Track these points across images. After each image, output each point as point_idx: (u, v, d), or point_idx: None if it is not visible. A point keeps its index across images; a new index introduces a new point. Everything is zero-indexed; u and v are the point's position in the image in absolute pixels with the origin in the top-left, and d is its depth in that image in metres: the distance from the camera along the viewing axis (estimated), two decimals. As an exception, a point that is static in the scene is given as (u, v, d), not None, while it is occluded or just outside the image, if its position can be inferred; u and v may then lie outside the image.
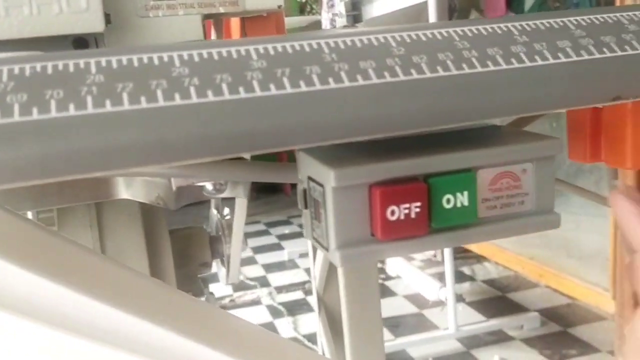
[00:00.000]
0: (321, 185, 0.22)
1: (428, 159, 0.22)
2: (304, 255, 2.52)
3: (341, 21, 1.60)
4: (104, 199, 0.31)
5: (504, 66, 0.22)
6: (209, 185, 0.28)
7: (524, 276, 2.16)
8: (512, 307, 1.93)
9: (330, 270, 0.82)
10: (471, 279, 2.22)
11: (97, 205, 0.56)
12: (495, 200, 0.24)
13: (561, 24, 0.25)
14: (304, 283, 2.26)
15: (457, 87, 0.22)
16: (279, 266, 2.48)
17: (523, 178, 0.24)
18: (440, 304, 1.94)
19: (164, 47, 0.21)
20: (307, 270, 2.35)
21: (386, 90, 0.21)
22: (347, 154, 0.23)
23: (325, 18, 1.75)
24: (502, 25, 0.24)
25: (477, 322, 1.82)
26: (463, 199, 0.23)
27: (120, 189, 0.31)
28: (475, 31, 0.24)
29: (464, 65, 0.22)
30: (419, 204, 0.22)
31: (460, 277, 2.13)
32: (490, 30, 0.24)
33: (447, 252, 1.78)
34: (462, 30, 0.24)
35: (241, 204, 0.59)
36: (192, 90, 0.19)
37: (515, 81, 0.22)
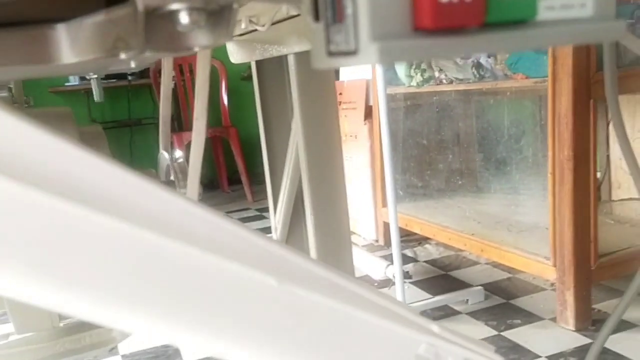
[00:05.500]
0: (348, -36, 0.17)
1: None
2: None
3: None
4: (41, 63, 0.24)
5: None
6: (184, 17, 0.22)
7: (464, 255, 2.18)
8: (456, 284, 1.94)
9: (293, 221, 0.75)
10: (414, 260, 2.23)
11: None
12: (554, -1, 0.19)
13: None
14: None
15: None
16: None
17: (584, -27, 0.20)
18: (387, 283, 1.93)
19: None
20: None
21: None
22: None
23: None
24: None
25: (424, 299, 1.82)
26: (522, -13, 0.18)
27: (62, 48, 0.25)
28: None
29: None
30: (475, -18, 0.17)
31: (403, 259, 2.12)
32: None
33: (394, 233, 1.77)
34: None
35: (198, 141, 0.52)
36: None
37: None
